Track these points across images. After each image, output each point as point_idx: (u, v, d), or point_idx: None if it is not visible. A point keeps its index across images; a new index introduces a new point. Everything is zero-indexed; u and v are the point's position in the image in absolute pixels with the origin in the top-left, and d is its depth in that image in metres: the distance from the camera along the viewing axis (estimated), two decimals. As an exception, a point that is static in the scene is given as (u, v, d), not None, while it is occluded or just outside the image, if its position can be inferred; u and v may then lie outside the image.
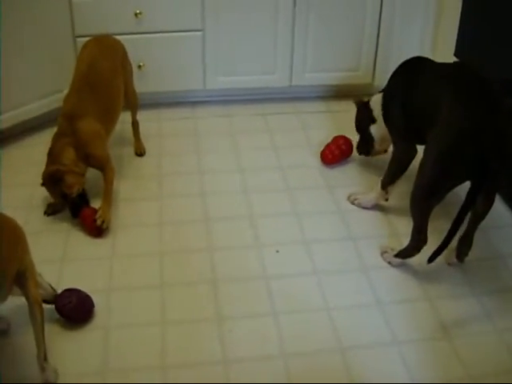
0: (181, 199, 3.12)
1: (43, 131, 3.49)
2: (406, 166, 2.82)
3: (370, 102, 3.12)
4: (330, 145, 3.38)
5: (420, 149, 2.67)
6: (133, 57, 3.39)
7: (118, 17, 3.53)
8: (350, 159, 3.37)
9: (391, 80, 2.94)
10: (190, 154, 3.48)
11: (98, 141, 3.03)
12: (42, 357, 2.14)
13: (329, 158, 3.35)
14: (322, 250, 2.80)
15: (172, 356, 2.31)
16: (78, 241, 2.85)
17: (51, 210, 3.01)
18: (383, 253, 2.75)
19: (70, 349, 2.33)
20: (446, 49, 3.46)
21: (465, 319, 2.48)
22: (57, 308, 2.41)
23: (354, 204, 3.07)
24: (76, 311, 2.41)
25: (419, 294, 2.56)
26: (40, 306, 2.13)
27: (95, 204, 2.95)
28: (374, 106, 3.07)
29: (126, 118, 3.44)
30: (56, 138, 2.97)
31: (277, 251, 2.79)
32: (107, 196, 2.97)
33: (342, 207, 3.06)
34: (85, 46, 3.23)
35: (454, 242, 2.62)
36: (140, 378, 2.22)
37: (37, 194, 3.03)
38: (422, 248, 2.59)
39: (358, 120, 3.22)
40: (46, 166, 2.92)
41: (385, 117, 2.94)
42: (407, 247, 2.64)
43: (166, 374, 2.24)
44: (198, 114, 3.87)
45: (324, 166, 3.34)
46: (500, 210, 2.96)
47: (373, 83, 3.84)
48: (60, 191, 2.89)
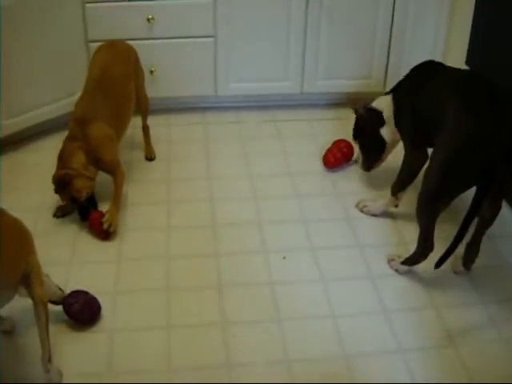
0: (189, 204, 3.13)
1: (55, 135, 3.51)
2: (416, 172, 2.81)
3: (373, 105, 3.05)
4: (331, 149, 3.39)
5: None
6: (145, 62, 3.42)
7: (130, 22, 3.56)
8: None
9: (403, 82, 2.93)
10: (199, 160, 3.49)
11: (109, 145, 3.05)
12: (46, 357, 2.15)
13: (331, 161, 3.35)
14: (328, 257, 2.80)
15: (176, 360, 2.31)
16: (85, 243, 2.87)
17: (60, 213, 3.03)
18: (390, 260, 2.74)
19: (75, 350, 2.35)
20: (457, 57, 3.45)
21: (471, 327, 2.46)
22: (64, 309, 2.43)
23: (362, 211, 3.06)
24: (83, 313, 2.43)
25: (425, 302, 2.55)
26: (45, 306, 2.15)
27: (104, 207, 2.96)
28: (382, 107, 2.99)
29: (136, 123, 3.46)
30: (67, 142, 2.99)
31: (283, 257, 2.79)
32: (116, 200, 2.98)
33: (350, 214, 3.05)
34: (97, 51, 3.27)
35: (461, 251, 2.62)
36: (144, 381, 2.23)
37: (47, 197, 3.04)
38: (428, 254, 2.58)
39: (363, 126, 3.11)
40: (56, 169, 2.94)
41: (397, 120, 2.91)
42: (414, 254, 2.64)
43: (171, 378, 2.24)
44: (209, 119, 3.88)
45: (330, 172, 3.34)
46: (507, 218, 2.93)
47: (384, 91, 3.82)
48: (69, 195, 2.91)
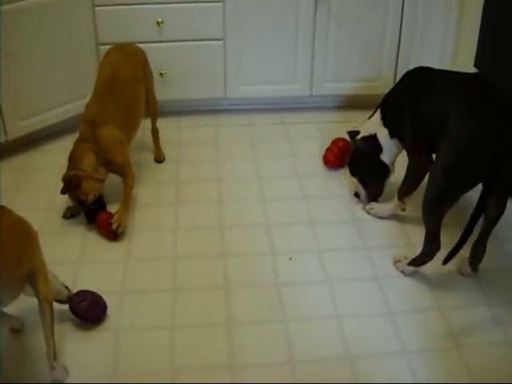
0: (197, 206, 3.15)
1: (66, 137, 3.54)
2: (420, 178, 2.80)
3: (365, 133, 3.02)
4: (331, 148, 3.42)
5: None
6: (154, 65, 3.45)
7: (140, 25, 3.59)
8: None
9: (398, 92, 2.91)
10: (208, 162, 3.51)
11: (119, 147, 3.08)
12: (51, 355, 2.18)
13: (331, 160, 3.39)
14: (335, 258, 2.80)
15: (181, 359, 2.33)
16: (93, 244, 2.90)
17: (69, 214, 3.06)
18: (396, 262, 2.74)
19: (81, 349, 2.37)
20: (466, 59, 3.46)
21: (476, 329, 2.46)
22: (71, 308, 2.45)
23: (369, 214, 3.07)
24: (89, 311, 2.46)
25: (431, 304, 2.55)
26: (50, 304, 2.17)
27: (114, 209, 2.99)
28: (374, 129, 2.98)
29: (146, 125, 3.49)
30: (77, 143, 3.02)
31: (290, 259, 2.80)
32: (126, 201, 3.01)
33: (357, 216, 3.06)
34: (107, 54, 3.30)
35: (467, 253, 2.62)
36: (149, 380, 2.25)
37: (57, 198, 3.07)
38: (435, 254, 2.58)
39: (362, 158, 3.05)
40: (67, 170, 2.97)
41: (396, 130, 2.90)
42: (420, 254, 2.64)
43: (175, 377, 2.26)
44: (218, 122, 3.90)
45: (338, 174, 3.35)
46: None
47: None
48: (77, 196, 2.94)
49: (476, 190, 2.42)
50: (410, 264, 2.68)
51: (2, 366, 2.24)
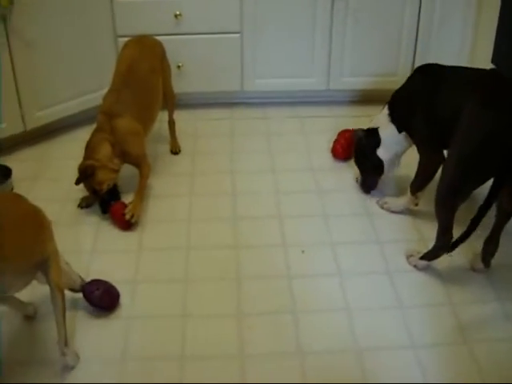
0: (211, 197, 3.17)
1: (83, 128, 3.57)
2: (432, 172, 2.80)
3: (371, 125, 3.08)
4: (338, 139, 3.44)
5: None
6: (172, 57, 3.46)
7: (158, 18, 3.61)
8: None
9: (408, 87, 2.91)
10: (223, 154, 3.53)
11: (135, 139, 3.10)
12: (62, 341, 2.21)
13: (340, 151, 3.42)
14: (347, 252, 2.81)
15: (190, 348, 2.35)
16: (107, 233, 2.93)
17: (84, 204, 3.09)
18: (409, 256, 2.74)
19: (93, 335, 2.41)
20: (484, 54, 3.43)
21: (487, 325, 2.45)
22: (84, 296, 2.49)
23: (383, 208, 3.06)
24: (102, 300, 2.49)
25: (442, 299, 2.55)
26: (61, 292, 2.20)
27: (129, 199, 3.01)
28: (378, 123, 3.03)
29: (163, 117, 3.51)
30: (94, 133, 3.05)
31: (302, 251, 2.81)
32: (140, 191, 3.04)
33: (370, 210, 3.06)
34: (125, 46, 3.32)
35: (479, 248, 2.61)
36: (158, 367, 2.28)
37: (73, 188, 3.09)
38: (447, 248, 2.57)
39: (360, 150, 3.12)
40: (82, 159, 3.00)
41: (406, 126, 2.90)
42: (433, 248, 2.63)
43: (184, 365, 2.28)
44: (235, 115, 3.92)
45: (352, 168, 3.32)
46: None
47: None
48: (91, 186, 2.97)
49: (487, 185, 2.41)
50: (422, 258, 2.68)
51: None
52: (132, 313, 2.50)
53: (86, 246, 2.84)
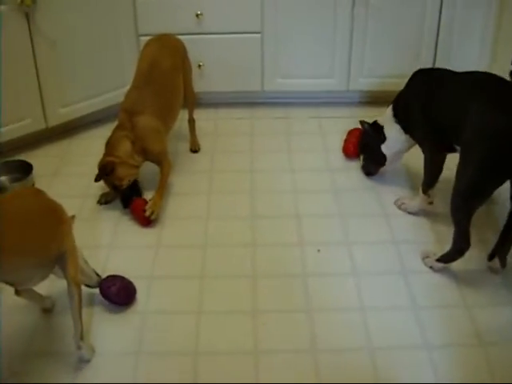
0: (230, 195, 3.20)
1: (104, 125, 3.63)
2: (438, 166, 2.83)
3: (378, 120, 3.18)
4: (349, 138, 3.49)
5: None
6: (193, 56, 3.50)
7: (179, 17, 3.65)
8: (400, 165, 3.34)
9: (411, 89, 2.95)
10: (243, 153, 3.55)
11: (156, 136, 3.13)
12: (78, 335, 2.25)
13: (351, 150, 3.46)
14: (363, 251, 2.82)
15: (205, 344, 2.37)
16: (126, 229, 2.97)
17: (104, 200, 3.14)
18: (425, 257, 2.74)
19: (109, 330, 2.44)
20: (505, 55, 3.42)
21: (501, 328, 2.44)
22: (101, 291, 2.52)
23: (400, 208, 3.07)
24: (119, 295, 2.52)
25: (457, 300, 2.55)
26: (78, 286, 2.23)
27: (150, 196, 3.05)
28: (383, 122, 3.12)
29: (183, 116, 3.54)
30: (115, 130, 3.10)
31: (318, 250, 2.82)
32: (161, 188, 3.07)
33: (387, 211, 3.06)
34: (147, 45, 3.35)
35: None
36: (172, 362, 2.30)
37: (93, 185, 3.13)
38: (464, 252, 2.58)
39: (366, 141, 3.25)
40: (103, 156, 3.05)
41: (407, 127, 2.96)
42: (449, 251, 2.63)
43: (198, 361, 2.31)
44: (255, 114, 3.94)
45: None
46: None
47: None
48: (112, 182, 3.01)
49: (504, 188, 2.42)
50: (439, 260, 2.68)
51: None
52: (148, 308, 2.53)
53: (105, 241, 2.88)
